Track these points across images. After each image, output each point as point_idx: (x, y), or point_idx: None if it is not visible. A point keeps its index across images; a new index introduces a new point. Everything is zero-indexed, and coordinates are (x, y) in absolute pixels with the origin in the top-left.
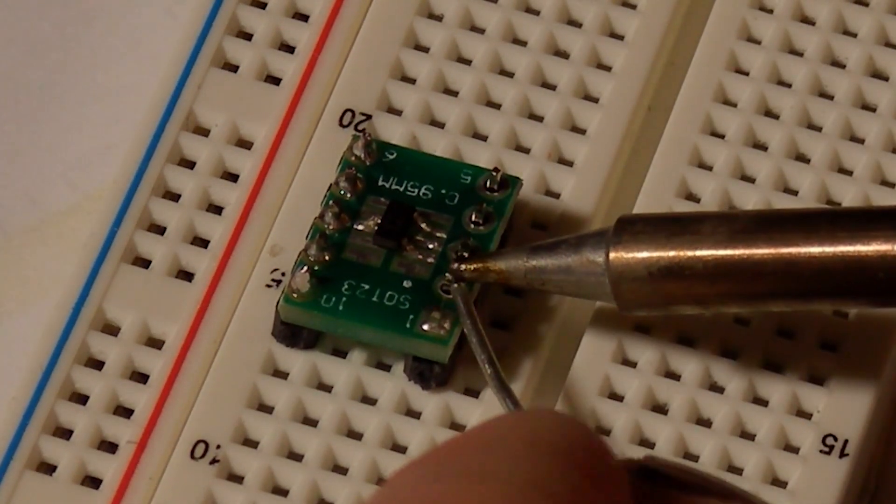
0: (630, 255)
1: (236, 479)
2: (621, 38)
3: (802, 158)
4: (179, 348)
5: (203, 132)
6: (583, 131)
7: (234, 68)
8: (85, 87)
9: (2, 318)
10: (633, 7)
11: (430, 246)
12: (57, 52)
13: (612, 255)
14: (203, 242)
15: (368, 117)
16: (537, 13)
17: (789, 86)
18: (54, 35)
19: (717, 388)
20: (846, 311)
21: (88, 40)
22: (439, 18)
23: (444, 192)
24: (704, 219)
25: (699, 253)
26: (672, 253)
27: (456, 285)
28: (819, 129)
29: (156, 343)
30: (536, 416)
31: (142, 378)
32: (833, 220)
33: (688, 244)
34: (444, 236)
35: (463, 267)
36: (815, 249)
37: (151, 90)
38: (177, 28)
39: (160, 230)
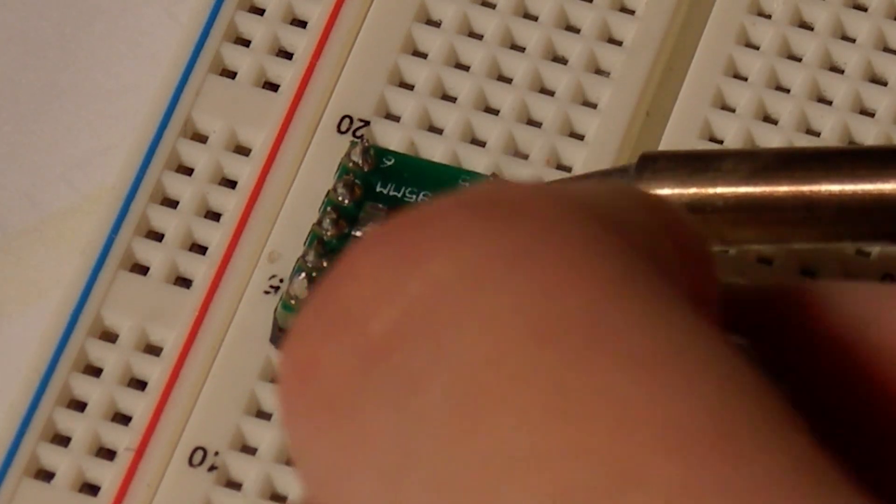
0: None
1: (235, 485)
2: (619, 43)
3: None
4: (178, 355)
5: (201, 139)
6: (581, 137)
7: (231, 75)
8: (85, 87)
9: (1, 320)
10: (632, 13)
11: None
12: (57, 52)
13: None
14: (201, 249)
15: (366, 123)
16: (535, 19)
17: (788, 91)
18: (54, 35)
19: None
20: (867, 249)
21: (88, 41)
22: (437, 24)
23: None
24: (726, 156)
25: (720, 190)
26: (693, 190)
27: None
28: (818, 135)
29: (154, 350)
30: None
31: (140, 385)
32: (854, 159)
33: (709, 181)
34: None
35: None
36: (836, 187)
37: (150, 94)
38: (177, 29)
39: (158, 237)
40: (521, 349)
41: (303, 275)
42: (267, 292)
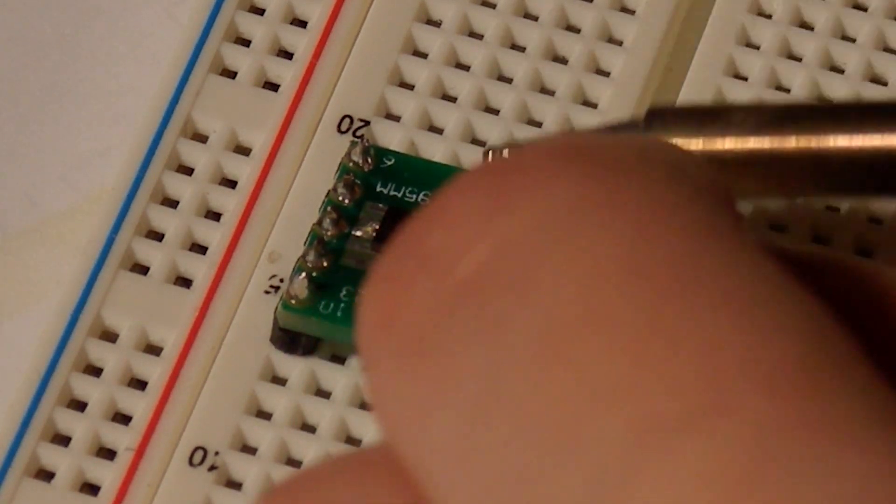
0: None
1: (235, 485)
2: (620, 43)
3: None
4: (178, 355)
5: (201, 138)
6: None
7: (232, 75)
8: (85, 87)
9: (2, 320)
10: (632, 13)
11: None
12: (57, 53)
13: None
14: (201, 249)
15: (367, 123)
16: (536, 19)
17: (788, 91)
18: (54, 35)
19: None
20: (875, 201)
21: (88, 41)
22: (437, 24)
23: None
24: (735, 110)
25: (728, 143)
26: (701, 143)
27: None
28: None
29: (154, 350)
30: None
31: (140, 385)
32: (863, 112)
33: (717, 134)
34: None
35: (499, 154)
36: (844, 140)
37: (150, 94)
38: (176, 29)
39: (158, 237)
40: (611, 284)
41: (303, 275)
42: (267, 292)
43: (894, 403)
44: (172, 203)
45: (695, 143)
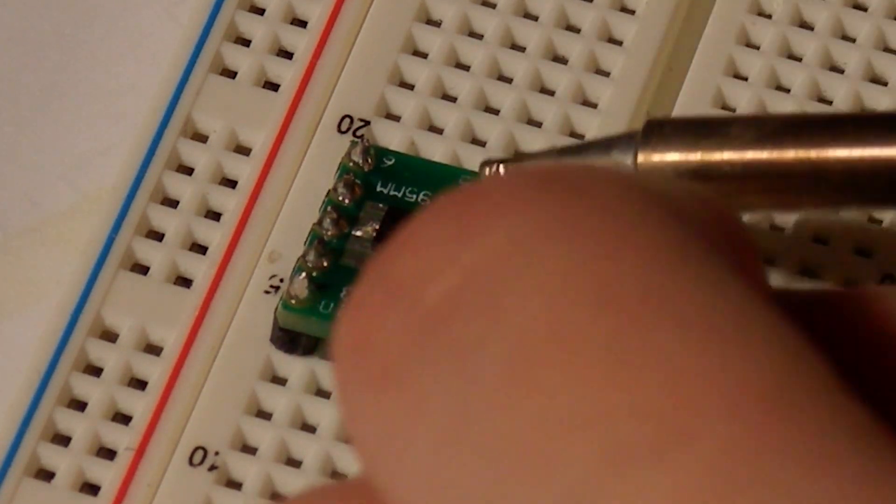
0: (658, 157)
1: (235, 485)
2: (620, 43)
3: None
4: (178, 355)
5: (201, 138)
6: (581, 137)
7: (232, 74)
8: (85, 87)
9: (2, 320)
10: (632, 13)
11: None
12: (57, 53)
13: (640, 156)
14: (201, 249)
15: (367, 123)
16: (536, 18)
17: (788, 90)
18: (54, 35)
19: None
20: (876, 213)
21: (88, 41)
22: (437, 24)
23: None
24: (733, 122)
25: (727, 156)
26: (700, 155)
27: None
28: None
29: (154, 349)
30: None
31: (140, 385)
32: (861, 124)
33: (716, 147)
34: None
35: (496, 167)
36: (843, 152)
37: (151, 94)
38: (176, 29)
39: (158, 236)
40: (575, 312)
41: (303, 274)
42: (267, 292)
43: (870, 428)
44: (172, 203)
45: (693, 156)
